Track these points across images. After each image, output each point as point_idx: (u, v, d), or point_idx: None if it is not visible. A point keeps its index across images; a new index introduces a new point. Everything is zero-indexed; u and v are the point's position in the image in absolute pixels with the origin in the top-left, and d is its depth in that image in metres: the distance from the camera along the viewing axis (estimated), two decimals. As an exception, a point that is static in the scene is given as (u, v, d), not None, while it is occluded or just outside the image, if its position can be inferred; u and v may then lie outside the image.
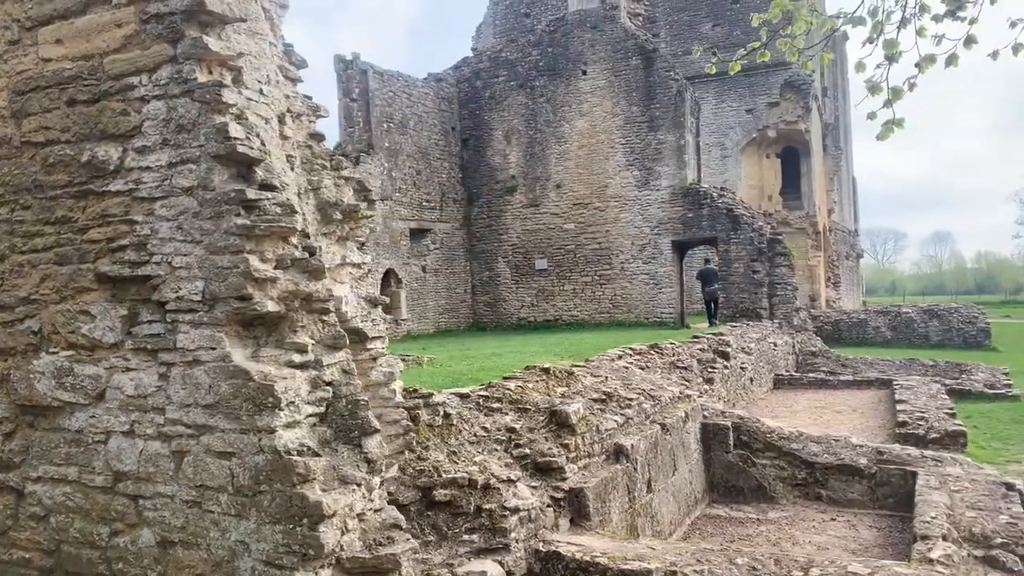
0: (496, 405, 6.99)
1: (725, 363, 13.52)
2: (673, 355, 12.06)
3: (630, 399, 8.39)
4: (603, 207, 22.84)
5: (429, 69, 25.14)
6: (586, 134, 23.02)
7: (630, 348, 11.43)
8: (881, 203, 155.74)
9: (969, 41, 5.69)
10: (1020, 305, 75.69)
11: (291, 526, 3.30)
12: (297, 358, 3.53)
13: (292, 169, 4.04)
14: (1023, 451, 11.23)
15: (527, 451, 6.63)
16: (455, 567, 5.37)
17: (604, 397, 8.22)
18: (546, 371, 8.07)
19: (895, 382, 14.99)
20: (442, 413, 6.24)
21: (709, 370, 12.75)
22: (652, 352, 11.76)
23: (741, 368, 14.57)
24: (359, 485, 3.50)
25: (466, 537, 5.62)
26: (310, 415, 3.52)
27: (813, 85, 29.97)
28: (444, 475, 5.75)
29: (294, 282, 3.55)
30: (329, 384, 3.64)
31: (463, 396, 6.81)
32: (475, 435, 6.53)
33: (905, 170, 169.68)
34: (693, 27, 30.81)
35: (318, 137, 4.32)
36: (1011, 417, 13.32)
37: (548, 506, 6.30)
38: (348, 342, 4.43)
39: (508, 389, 7.22)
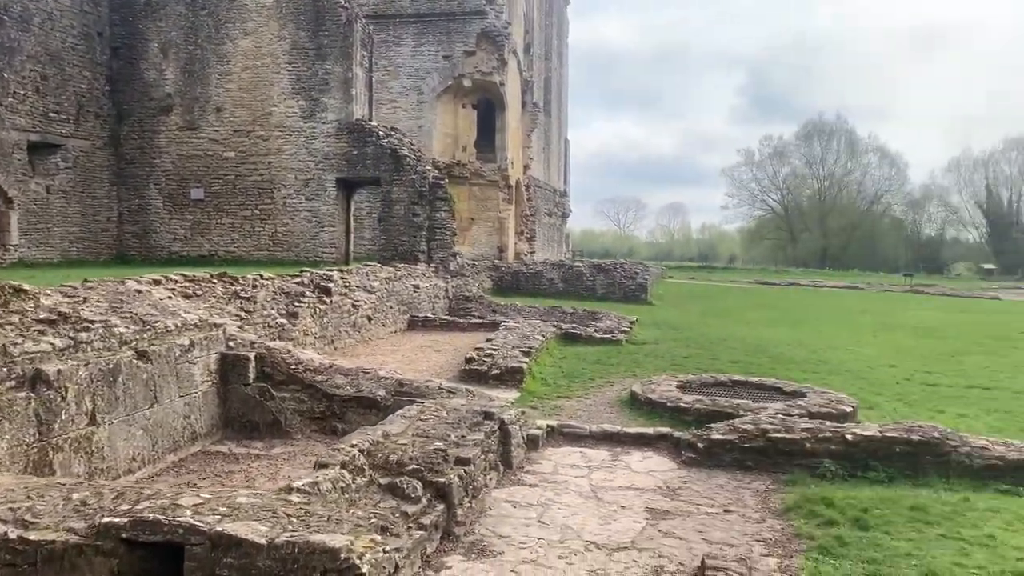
0: None
1: (324, 298, 12.91)
2: (242, 286, 11.17)
3: (93, 322, 7.31)
4: (266, 136, 21.34)
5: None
6: (250, 55, 21.27)
7: (182, 274, 10.36)
8: (628, 174, 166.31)
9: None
10: (716, 270, 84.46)
11: None
12: None
13: None
14: (580, 387, 11.74)
15: None
16: None
17: (56, 319, 7.07)
18: (-27, 285, 6.74)
19: (502, 324, 15.32)
20: None
21: (295, 304, 12.04)
22: (214, 281, 10.79)
23: (353, 305, 14.08)
24: None
25: None
26: None
27: (511, 39, 30.32)
28: None
29: None
30: None
31: None
32: None
33: (656, 144, 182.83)
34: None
35: None
36: (596, 358, 14.05)
37: None
38: None
39: None
